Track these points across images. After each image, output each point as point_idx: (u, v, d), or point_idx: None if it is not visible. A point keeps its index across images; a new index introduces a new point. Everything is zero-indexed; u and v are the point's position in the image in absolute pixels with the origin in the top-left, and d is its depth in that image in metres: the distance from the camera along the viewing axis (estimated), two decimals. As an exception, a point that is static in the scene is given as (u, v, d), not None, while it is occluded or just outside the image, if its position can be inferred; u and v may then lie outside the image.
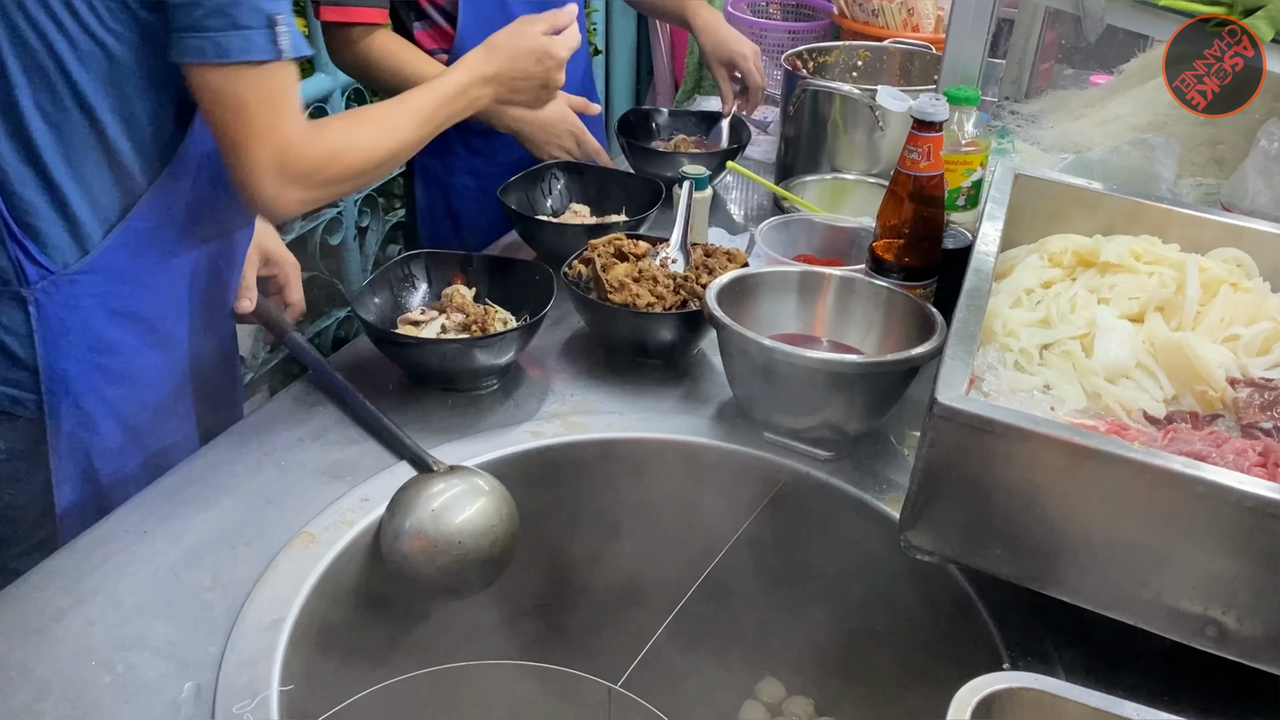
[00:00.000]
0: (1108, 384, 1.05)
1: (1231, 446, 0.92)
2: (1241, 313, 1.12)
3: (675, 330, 1.32)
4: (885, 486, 1.16)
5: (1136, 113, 1.94)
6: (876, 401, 1.18)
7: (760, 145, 2.00)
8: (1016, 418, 0.87)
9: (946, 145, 1.31)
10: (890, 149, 1.68)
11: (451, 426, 1.23)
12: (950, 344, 0.95)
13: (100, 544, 1.04)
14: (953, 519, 0.91)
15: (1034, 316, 1.14)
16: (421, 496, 1.07)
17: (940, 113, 1.20)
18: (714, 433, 1.23)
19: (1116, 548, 0.85)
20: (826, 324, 1.30)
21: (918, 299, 1.24)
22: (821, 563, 1.17)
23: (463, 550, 1.05)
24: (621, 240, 1.41)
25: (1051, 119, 2.07)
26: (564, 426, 1.24)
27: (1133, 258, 1.20)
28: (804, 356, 1.13)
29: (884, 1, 2.12)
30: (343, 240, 2.52)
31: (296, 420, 1.23)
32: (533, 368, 1.36)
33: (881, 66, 1.97)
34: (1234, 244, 1.22)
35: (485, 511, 1.08)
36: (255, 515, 1.08)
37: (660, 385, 1.32)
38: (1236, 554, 0.81)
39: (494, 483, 1.11)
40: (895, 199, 1.26)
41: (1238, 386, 1.04)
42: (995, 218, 1.19)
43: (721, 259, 1.40)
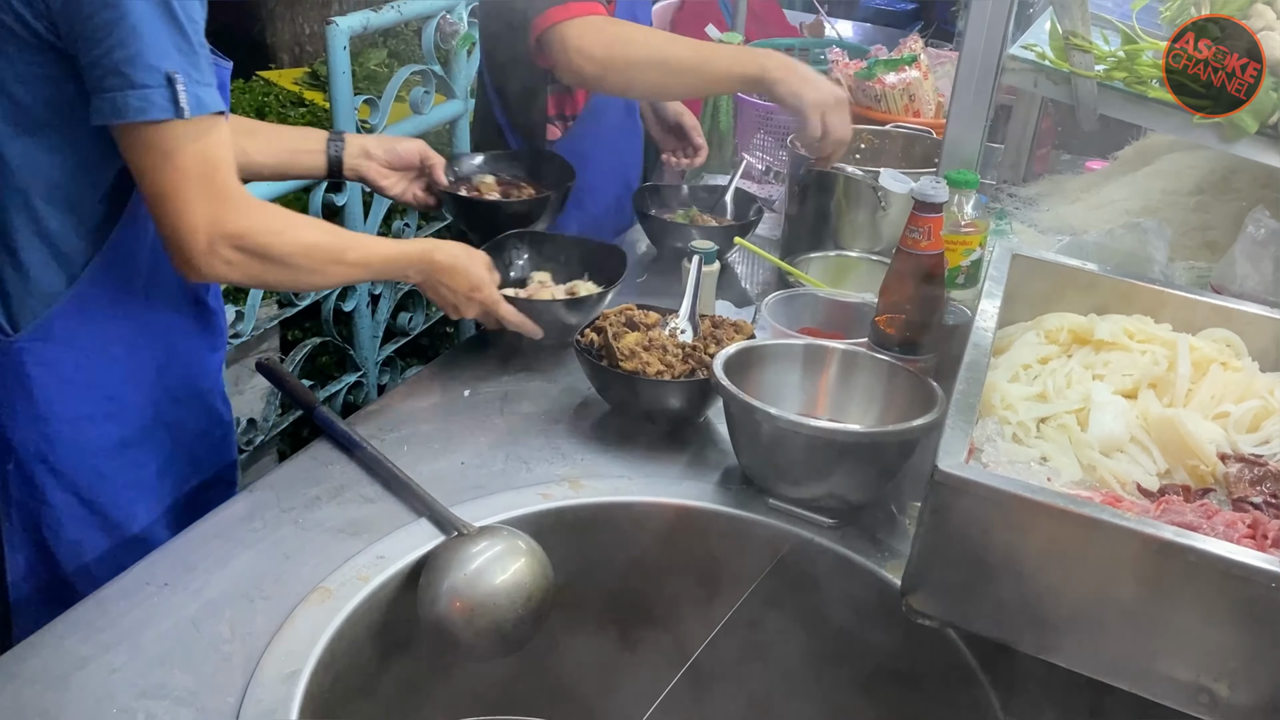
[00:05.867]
0: (1103, 457, 1.08)
1: (1222, 518, 0.95)
2: (1231, 391, 1.17)
3: (683, 398, 1.36)
4: (887, 554, 1.18)
5: (1130, 197, 2.00)
6: (878, 471, 1.21)
7: (767, 222, 2.06)
8: (1014, 485, 0.90)
9: (946, 226, 1.36)
10: (892, 228, 1.73)
11: (465, 487, 1.26)
12: (951, 414, 0.99)
13: (122, 595, 1.07)
14: (952, 584, 0.94)
15: (1031, 391, 1.18)
16: (458, 558, 1.11)
17: (940, 195, 1.26)
18: (720, 498, 1.27)
19: (1111, 615, 0.88)
20: (830, 396, 1.34)
21: (918, 373, 1.28)
22: (824, 627, 1.19)
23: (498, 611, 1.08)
24: (632, 310, 1.46)
25: (1048, 202, 2.14)
26: (573, 489, 1.27)
27: (1126, 336, 1.25)
28: (808, 426, 1.17)
29: (886, 88, 2.20)
30: (356, 307, 2.57)
31: (314, 479, 1.27)
32: (543, 431, 1.39)
33: (884, 149, 2.04)
34: (1224, 325, 1.26)
35: (521, 572, 1.11)
36: (274, 570, 1.11)
37: (668, 451, 1.36)
38: (1227, 622, 0.84)
39: (530, 542, 1.14)
40: (897, 276, 1.31)
41: (1228, 462, 1.07)
42: (994, 295, 1.24)
43: (729, 330, 1.45)
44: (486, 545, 1.12)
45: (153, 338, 1.27)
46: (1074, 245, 1.66)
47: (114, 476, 1.27)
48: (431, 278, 1.39)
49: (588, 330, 1.44)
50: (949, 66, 2.31)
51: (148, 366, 1.27)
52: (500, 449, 1.35)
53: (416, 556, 1.14)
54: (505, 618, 1.09)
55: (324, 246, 1.24)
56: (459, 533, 1.15)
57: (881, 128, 2.07)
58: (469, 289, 1.41)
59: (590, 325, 1.45)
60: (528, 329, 1.47)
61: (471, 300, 1.42)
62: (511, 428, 1.40)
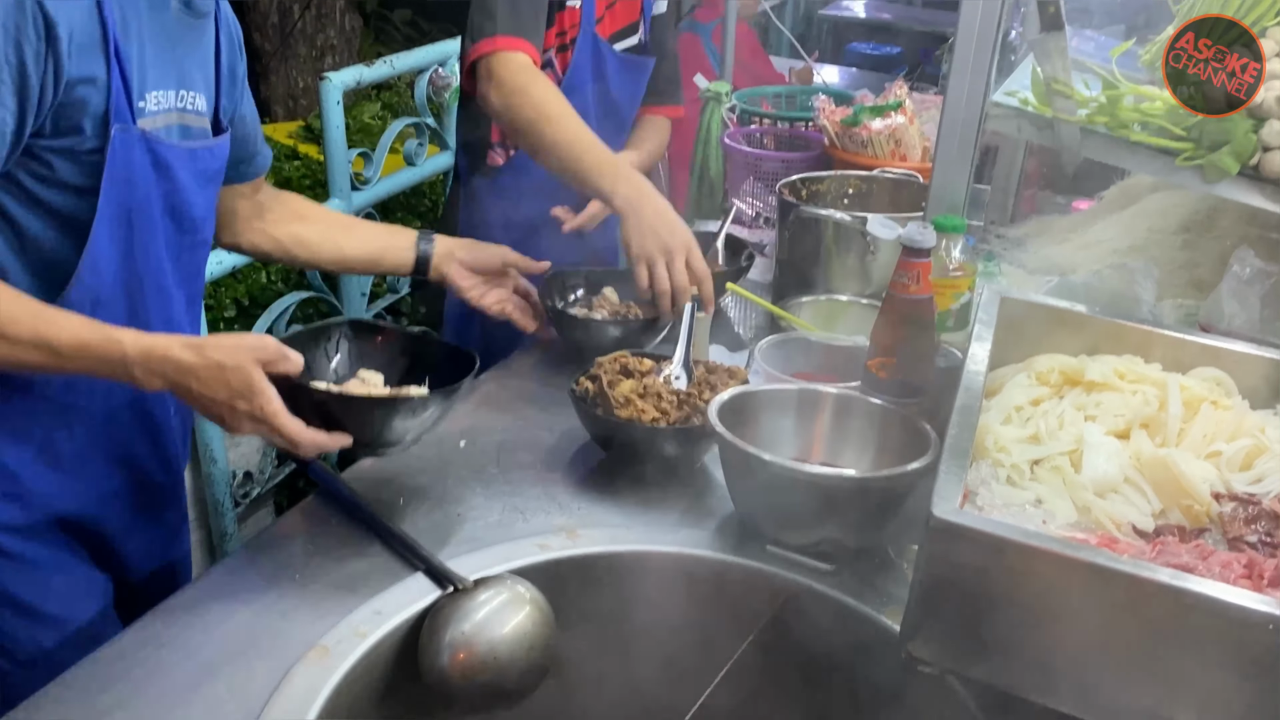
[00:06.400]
0: (1097, 498, 1.09)
1: (1218, 559, 0.96)
2: (1223, 430, 1.17)
3: (679, 444, 1.37)
4: (886, 599, 1.18)
5: (1117, 237, 2.02)
6: (874, 515, 1.21)
7: (759, 266, 2.08)
8: (1009, 530, 0.91)
9: (935, 270, 1.38)
10: (882, 271, 1.75)
11: (462, 539, 1.26)
12: (944, 459, 1.00)
13: (119, 657, 1.06)
14: (951, 630, 0.94)
15: (1024, 433, 1.18)
16: (461, 611, 1.10)
17: (928, 240, 1.27)
18: (717, 545, 1.27)
19: (1111, 659, 0.88)
20: (825, 440, 1.35)
21: (912, 416, 1.29)
22: (823, 675, 1.19)
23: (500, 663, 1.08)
24: (627, 358, 1.47)
25: (1036, 243, 2.15)
26: (570, 539, 1.27)
27: (1117, 377, 1.26)
28: (803, 471, 1.18)
29: (872, 134, 2.23)
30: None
31: (310, 534, 1.27)
32: (540, 481, 1.39)
33: (871, 193, 2.07)
34: (1213, 364, 1.27)
35: (523, 624, 1.11)
36: (270, 627, 1.11)
37: (664, 498, 1.36)
38: (1225, 664, 0.84)
39: (534, 591, 1.14)
40: (888, 321, 1.32)
41: (1222, 501, 1.08)
42: (983, 338, 1.25)
43: (723, 376, 1.46)
44: (489, 596, 1.12)
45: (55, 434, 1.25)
46: (1062, 286, 1.68)
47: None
48: (177, 383, 1.11)
49: (582, 379, 1.45)
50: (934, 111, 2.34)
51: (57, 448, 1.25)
52: (497, 500, 1.35)
53: (414, 611, 1.14)
54: (508, 670, 1.08)
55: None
56: (455, 587, 1.14)
57: (869, 173, 2.10)
58: (231, 397, 1.11)
59: (585, 373, 1.46)
60: (324, 444, 1.17)
61: (238, 412, 1.12)
62: (508, 478, 1.40)
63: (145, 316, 1.27)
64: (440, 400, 1.25)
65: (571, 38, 1.89)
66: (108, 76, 1.09)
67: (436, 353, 1.40)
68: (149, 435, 1.37)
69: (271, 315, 2.32)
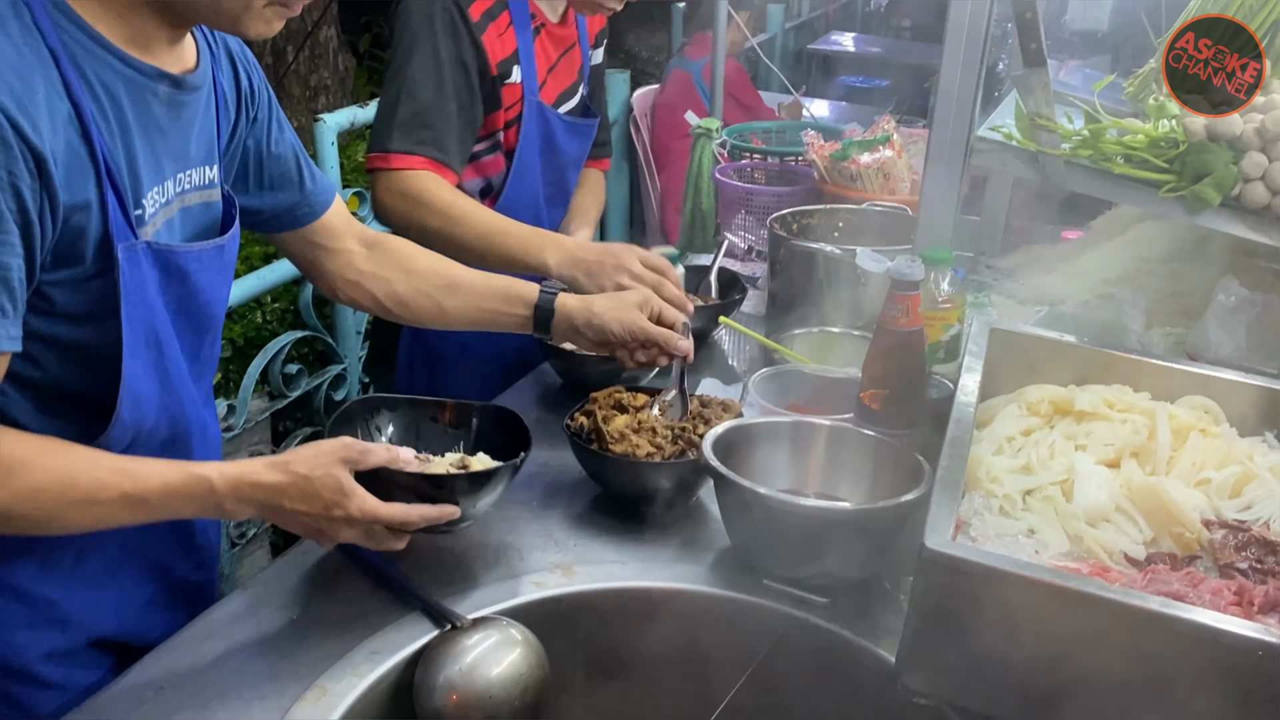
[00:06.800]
0: (1089, 527, 1.10)
1: (1208, 586, 0.97)
2: (1212, 457, 1.19)
3: (674, 479, 1.37)
4: (882, 632, 1.18)
5: (1106, 266, 2.04)
6: (869, 547, 1.22)
7: (751, 300, 2.10)
8: (1001, 561, 0.92)
9: (924, 302, 1.39)
10: (873, 303, 1.76)
11: (457, 578, 1.27)
12: (936, 491, 1.01)
13: (116, 700, 1.06)
14: (946, 660, 0.95)
15: (1016, 463, 1.20)
16: (455, 650, 1.11)
17: (916, 274, 1.29)
18: (714, 580, 1.27)
19: (1103, 686, 0.88)
20: (819, 472, 1.35)
21: (904, 447, 1.30)
22: (821, 708, 1.19)
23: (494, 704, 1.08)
24: (621, 393, 1.48)
25: (1026, 273, 2.17)
26: (566, 576, 1.28)
27: (1107, 406, 1.27)
28: (796, 504, 1.18)
29: (861, 167, 2.26)
30: (347, 395, 2.59)
31: (307, 574, 1.27)
32: (536, 518, 1.40)
33: (861, 226, 2.09)
34: (1201, 392, 1.29)
35: (517, 663, 1.11)
36: (269, 669, 1.11)
37: (661, 533, 1.36)
38: (1218, 691, 0.84)
39: (525, 632, 1.15)
40: (879, 353, 1.33)
41: (1213, 528, 1.09)
42: (973, 370, 1.27)
43: (717, 409, 1.47)
44: (481, 637, 1.12)
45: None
46: (1052, 316, 1.69)
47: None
48: (267, 505, 1.10)
49: (577, 415, 1.46)
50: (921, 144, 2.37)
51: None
52: (493, 537, 1.35)
53: (411, 651, 1.14)
54: (501, 710, 1.08)
55: (53, 493, 1.01)
56: (452, 625, 1.15)
57: (858, 206, 2.12)
58: (325, 507, 1.10)
59: (580, 409, 1.47)
60: (433, 517, 1.17)
61: (335, 520, 1.11)
62: (504, 515, 1.40)
63: (185, 430, 1.20)
64: (512, 470, 1.27)
65: (516, 113, 1.84)
66: (101, 196, 1.01)
67: (489, 418, 1.41)
68: (182, 538, 1.31)
69: (267, 355, 2.33)
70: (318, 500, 1.09)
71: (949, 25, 1.45)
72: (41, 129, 0.93)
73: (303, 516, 1.11)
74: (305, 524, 1.12)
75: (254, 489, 1.08)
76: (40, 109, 0.93)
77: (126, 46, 1.02)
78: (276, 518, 1.12)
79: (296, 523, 1.12)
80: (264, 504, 1.09)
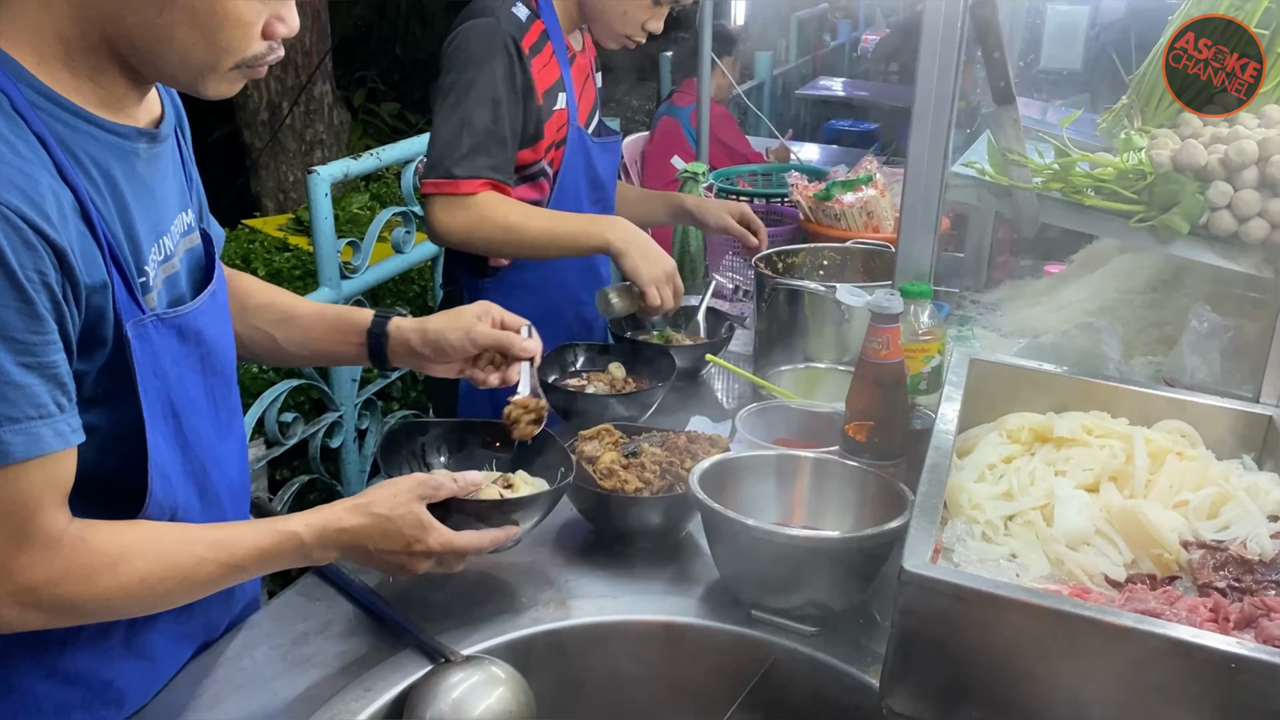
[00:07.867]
0: (1069, 551, 1.12)
1: (1184, 604, 0.98)
2: (1189, 480, 1.21)
3: (662, 513, 1.39)
4: (870, 659, 1.20)
5: (1088, 298, 2.07)
6: (854, 576, 1.24)
7: (740, 338, 2.13)
8: (977, 581, 0.93)
9: (905, 335, 1.42)
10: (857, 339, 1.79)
11: (451, 614, 1.28)
12: (915, 515, 1.03)
13: (111, 742, 1.07)
14: (929, 683, 0.96)
15: (997, 490, 1.21)
16: (440, 688, 1.12)
17: (895, 307, 1.32)
18: (703, 612, 1.28)
19: (1084, 704, 0.90)
20: (805, 504, 1.37)
21: (888, 477, 1.32)
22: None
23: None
24: (610, 431, 1.50)
25: (1010, 307, 2.21)
26: (558, 611, 1.29)
27: (1085, 432, 1.29)
28: (781, 535, 1.20)
29: (845, 207, 2.30)
30: (343, 443, 2.61)
31: (302, 614, 1.28)
32: (528, 553, 1.41)
33: (846, 264, 2.13)
34: (1178, 416, 1.31)
35: (504, 700, 1.13)
36: (263, 708, 1.12)
37: (650, 567, 1.38)
38: (1194, 705, 0.86)
39: (510, 670, 1.16)
40: (862, 385, 1.36)
41: (1191, 549, 1.11)
42: (953, 399, 1.29)
43: (704, 445, 1.49)
44: (464, 676, 1.13)
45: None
46: (1032, 347, 1.72)
47: None
48: (350, 547, 1.13)
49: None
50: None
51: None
52: (486, 574, 1.36)
53: (403, 688, 1.15)
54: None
55: (157, 577, 1.01)
56: (445, 659, 1.16)
57: (843, 244, 2.16)
58: (407, 544, 1.14)
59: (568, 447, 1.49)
60: (500, 540, 1.24)
61: (416, 555, 1.16)
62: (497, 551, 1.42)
63: (214, 492, 1.17)
64: (556, 492, 1.32)
65: (563, 136, 1.98)
66: (109, 276, 0.98)
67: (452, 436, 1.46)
68: (225, 593, 1.23)
69: (263, 403, 2.35)
70: (400, 538, 1.14)
71: (920, 64, 1.50)
72: (54, 221, 0.92)
73: (385, 555, 1.15)
74: (387, 561, 1.16)
75: (339, 534, 1.12)
76: (48, 201, 0.92)
77: (101, 111, 1.00)
78: (360, 558, 1.16)
79: (379, 561, 1.16)
80: (348, 546, 1.13)
